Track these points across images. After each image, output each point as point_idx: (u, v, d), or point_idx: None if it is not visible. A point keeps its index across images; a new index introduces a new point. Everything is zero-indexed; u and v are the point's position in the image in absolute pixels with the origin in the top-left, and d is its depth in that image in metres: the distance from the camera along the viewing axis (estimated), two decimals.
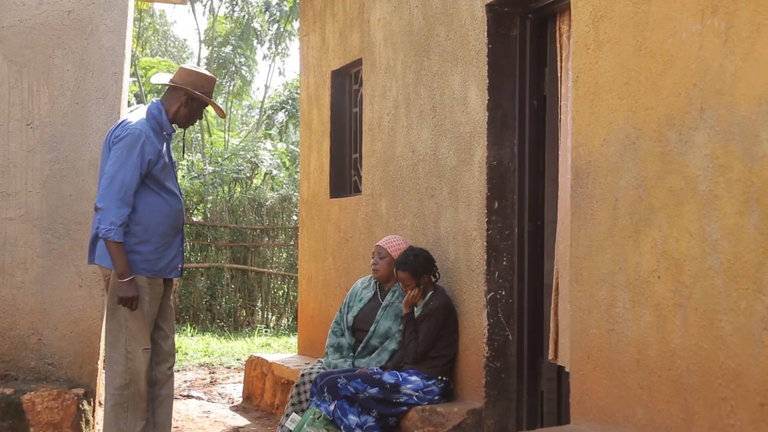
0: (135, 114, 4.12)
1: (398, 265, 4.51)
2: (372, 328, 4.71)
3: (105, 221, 3.89)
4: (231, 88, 22.79)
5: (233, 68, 22.07)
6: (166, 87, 4.27)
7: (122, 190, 3.91)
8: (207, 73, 4.27)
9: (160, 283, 4.12)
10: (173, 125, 4.20)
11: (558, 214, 4.09)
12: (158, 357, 4.18)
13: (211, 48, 22.14)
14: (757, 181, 2.75)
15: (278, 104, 20.19)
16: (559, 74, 4.14)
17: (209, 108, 6.88)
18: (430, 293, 4.50)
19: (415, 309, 4.50)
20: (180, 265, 4.21)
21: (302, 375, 4.77)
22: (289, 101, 19.65)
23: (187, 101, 4.16)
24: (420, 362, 4.44)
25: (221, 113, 4.50)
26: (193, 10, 21.46)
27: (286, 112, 19.80)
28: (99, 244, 4.03)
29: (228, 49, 21.61)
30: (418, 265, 4.45)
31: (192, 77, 4.15)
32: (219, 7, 21.72)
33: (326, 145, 6.43)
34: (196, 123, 4.67)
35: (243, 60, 22.28)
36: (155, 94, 20.24)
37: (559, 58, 4.15)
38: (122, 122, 4.09)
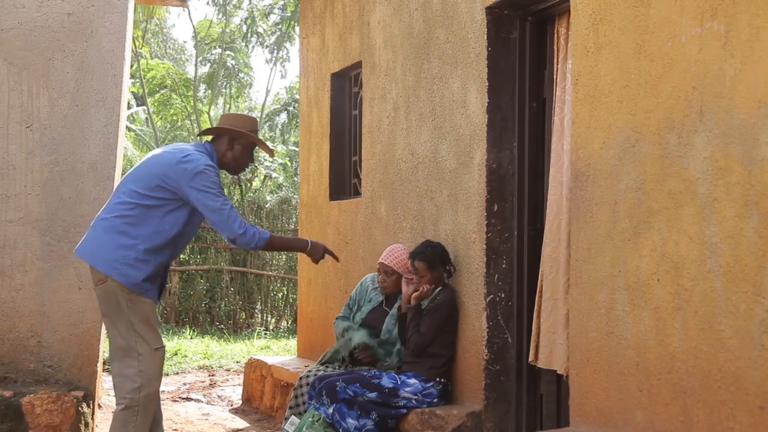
0: (193, 148, 4.08)
1: (414, 256, 4.51)
2: (381, 337, 4.72)
3: (250, 242, 4.00)
4: (229, 91, 22.78)
5: (234, 70, 22.05)
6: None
7: (230, 212, 3.98)
8: (248, 115, 4.28)
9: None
10: (222, 170, 4.20)
11: (547, 216, 4.09)
12: None
13: (204, 51, 22.12)
14: (756, 184, 2.75)
15: (281, 106, 20.20)
16: (555, 77, 4.14)
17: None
18: (439, 288, 4.51)
19: (422, 303, 4.50)
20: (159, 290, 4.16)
21: (300, 378, 4.77)
22: (291, 104, 19.67)
23: (230, 142, 4.16)
24: (420, 356, 4.44)
25: (269, 152, 4.45)
26: (189, 14, 21.47)
27: (288, 114, 19.81)
28: (93, 245, 3.95)
29: (225, 51, 21.59)
30: (435, 255, 4.47)
31: (231, 120, 4.20)
32: (217, 11, 21.70)
33: (326, 148, 6.43)
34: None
35: (240, 65, 22.26)
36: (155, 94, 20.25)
37: (555, 61, 4.15)
38: (188, 153, 3.99)
